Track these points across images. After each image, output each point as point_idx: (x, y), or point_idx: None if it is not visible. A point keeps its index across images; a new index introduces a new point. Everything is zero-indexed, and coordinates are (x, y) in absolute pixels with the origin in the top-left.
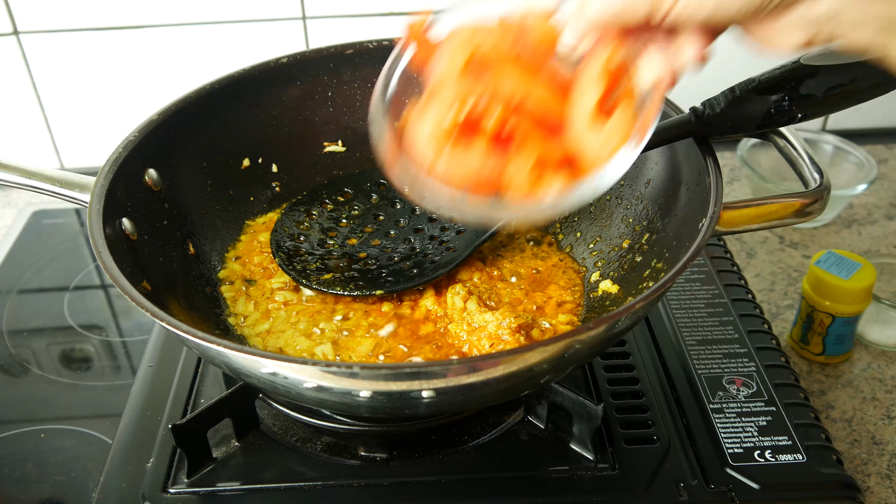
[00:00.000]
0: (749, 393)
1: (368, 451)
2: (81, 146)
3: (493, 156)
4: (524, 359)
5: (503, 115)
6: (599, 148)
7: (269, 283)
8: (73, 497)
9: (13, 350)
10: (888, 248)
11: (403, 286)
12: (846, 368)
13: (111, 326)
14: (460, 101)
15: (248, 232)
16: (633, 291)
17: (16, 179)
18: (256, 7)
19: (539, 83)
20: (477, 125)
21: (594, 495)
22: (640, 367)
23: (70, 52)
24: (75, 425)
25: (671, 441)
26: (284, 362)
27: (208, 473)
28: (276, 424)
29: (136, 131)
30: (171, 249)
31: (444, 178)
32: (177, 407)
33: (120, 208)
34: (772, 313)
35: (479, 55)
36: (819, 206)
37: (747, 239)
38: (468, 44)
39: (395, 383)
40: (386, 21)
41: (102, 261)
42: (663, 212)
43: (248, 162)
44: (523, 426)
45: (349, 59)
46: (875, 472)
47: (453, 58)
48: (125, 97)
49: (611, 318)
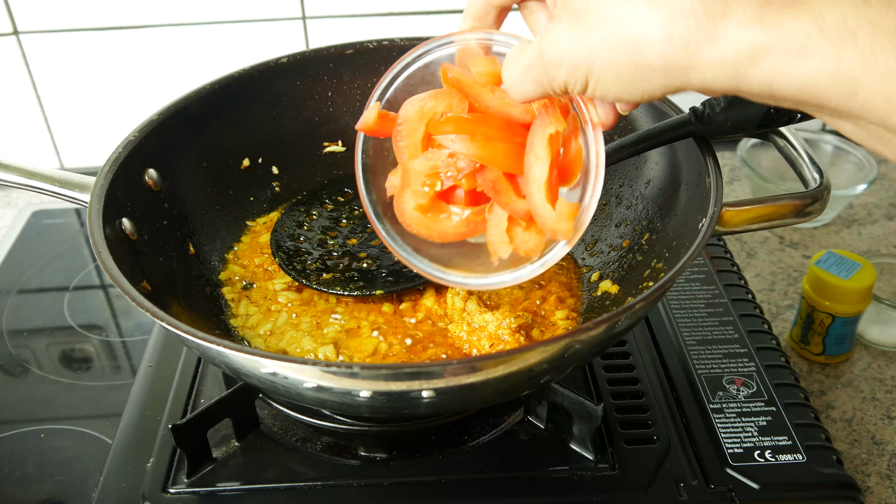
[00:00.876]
0: (749, 393)
1: (368, 451)
2: (81, 146)
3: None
4: (524, 359)
5: (471, 182)
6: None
7: (270, 285)
8: (73, 497)
9: (13, 350)
10: (888, 248)
11: (403, 286)
12: (846, 368)
13: (111, 326)
14: (430, 180)
15: (249, 233)
16: (633, 291)
17: (16, 179)
18: (256, 7)
19: (499, 138)
20: (452, 189)
21: (594, 495)
22: (640, 367)
23: (70, 52)
24: (75, 425)
25: (671, 441)
26: (284, 362)
27: (208, 473)
28: (276, 424)
29: (136, 131)
30: (171, 249)
31: (430, 236)
32: (177, 407)
33: (120, 208)
34: (772, 313)
35: (435, 121)
36: (819, 206)
37: (747, 239)
38: (422, 114)
39: (395, 383)
40: (386, 21)
41: (102, 261)
42: (663, 212)
43: (248, 162)
44: (523, 426)
45: (349, 59)
46: (875, 472)
47: (412, 132)
48: (125, 97)
49: (611, 318)
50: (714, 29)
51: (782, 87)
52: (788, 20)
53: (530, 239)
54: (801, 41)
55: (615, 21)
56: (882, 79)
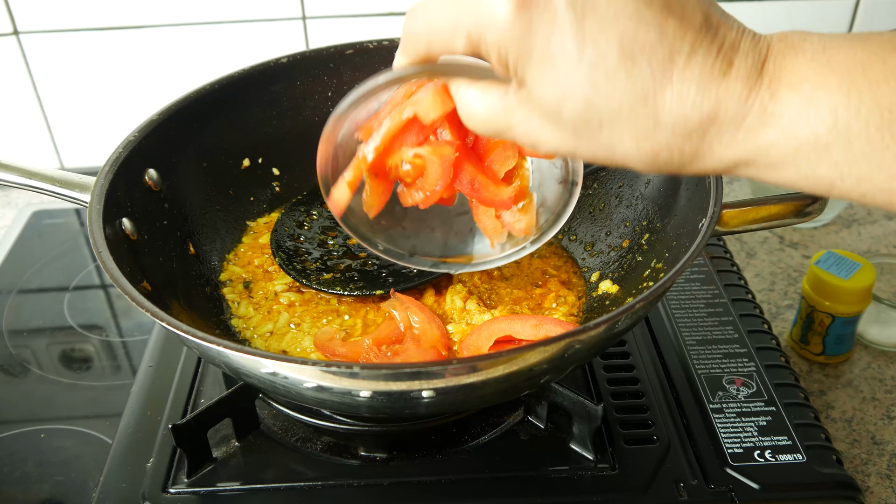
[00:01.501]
0: (749, 393)
1: (368, 451)
2: (81, 146)
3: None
4: (524, 359)
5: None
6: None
7: (271, 286)
8: (73, 497)
9: (13, 350)
10: (888, 248)
11: (403, 286)
12: (846, 368)
13: (111, 326)
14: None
15: (250, 233)
16: (633, 291)
17: (16, 179)
18: (256, 7)
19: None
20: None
21: (594, 495)
22: (640, 367)
23: (70, 52)
24: (75, 425)
25: (671, 441)
26: (284, 362)
27: (208, 473)
28: (276, 424)
29: (136, 131)
30: (171, 249)
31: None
32: (177, 407)
33: (120, 208)
34: (772, 313)
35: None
36: (819, 206)
37: (747, 239)
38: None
39: (395, 383)
40: (386, 21)
41: (102, 261)
42: (663, 212)
43: (248, 162)
44: (523, 426)
45: (349, 59)
46: (875, 472)
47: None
48: (125, 97)
49: (611, 319)
50: (699, 156)
51: (766, 181)
52: (765, 142)
53: (521, 219)
54: (779, 158)
55: (602, 144)
56: (857, 182)
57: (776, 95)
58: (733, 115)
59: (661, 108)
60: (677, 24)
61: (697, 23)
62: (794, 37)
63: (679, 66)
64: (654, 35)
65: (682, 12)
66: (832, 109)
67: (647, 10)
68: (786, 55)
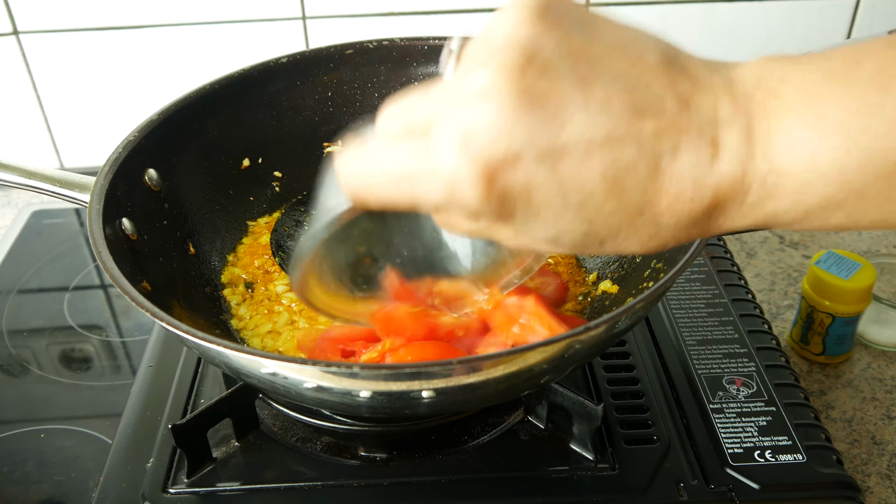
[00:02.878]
0: (749, 393)
1: (368, 451)
2: (81, 146)
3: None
4: (524, 359)
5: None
6: None
7: (271, 286)
8: (73, 497)
9: (13, 350)
10: (888, 248)
11: None
12: (846, 368)
13: (111, 326)
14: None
15: (250, 234)
16: (633, 291)
17: (16, 179)
18: (256, 7)
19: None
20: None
21: (594, 495)
22: (640, 367)
23: (70, 52)
24: (75, 425)
25: (671, 441)
26: (284, 362)
27: (208, 473)
28: (276, 424)
29: (136, 131)
30: (171, 249)
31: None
32: (177, 407)
33: (120, 208)
34: (772, 313)
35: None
36: None
37: (747, 239)
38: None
39: (395, 383)
40: (386, 21)
41: (102, 261)
42: None
43: (248, 162)
44: (523, 426)
45: (349, 59)
46: (875, 472)
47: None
48: (125, 97)
49: (611, 319)
50: (707, 232)
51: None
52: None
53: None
54: (788, 221)
55: (607, 251)
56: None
57: (774, 167)
58: (734, 197)
59: (660, 214)
60: (653, 125)
61: (671, 108)
62: (770, 80)
63: (667, 171)
64: (633, 152)
65: (652, 104)
66: (840, 171)
67: (620, 127)
68: (770, 114)
